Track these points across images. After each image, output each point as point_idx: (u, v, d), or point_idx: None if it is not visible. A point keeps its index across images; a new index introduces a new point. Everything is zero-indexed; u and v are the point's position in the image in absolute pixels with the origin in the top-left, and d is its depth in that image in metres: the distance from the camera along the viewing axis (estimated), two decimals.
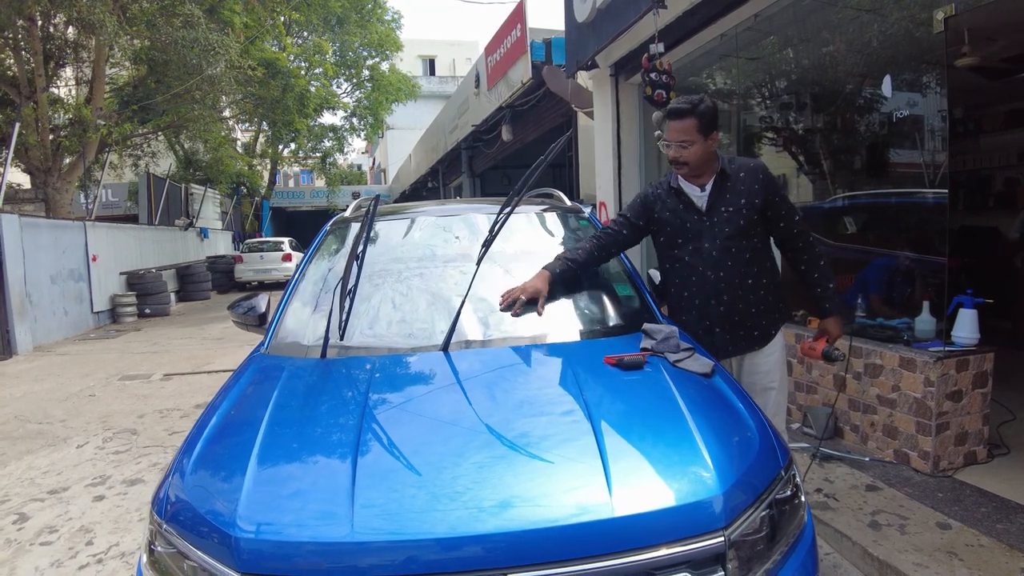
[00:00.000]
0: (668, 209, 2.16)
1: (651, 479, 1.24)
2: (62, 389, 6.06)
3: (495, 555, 1.12)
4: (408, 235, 2.56)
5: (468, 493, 1.21)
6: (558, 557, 1.12)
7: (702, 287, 2.12)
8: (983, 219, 6.25)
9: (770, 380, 2.21)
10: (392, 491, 1.23)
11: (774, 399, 2.22)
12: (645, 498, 1.20)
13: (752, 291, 2.12)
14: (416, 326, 2.03)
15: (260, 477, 1.33)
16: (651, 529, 1.16)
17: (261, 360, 2.02)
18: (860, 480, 2.93)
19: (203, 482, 1.39)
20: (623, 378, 1.63)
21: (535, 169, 1.84)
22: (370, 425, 1.45)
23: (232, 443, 1.51)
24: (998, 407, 3.47)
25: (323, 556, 1.15)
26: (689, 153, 2.02)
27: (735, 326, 2.14)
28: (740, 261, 2.08)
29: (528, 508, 1.17)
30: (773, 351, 2.20)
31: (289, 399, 1.67)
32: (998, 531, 2.40)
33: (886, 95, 3.35)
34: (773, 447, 1.42)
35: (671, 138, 2.06)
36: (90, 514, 3.27)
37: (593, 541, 1.13)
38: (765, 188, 2.08)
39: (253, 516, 1.22)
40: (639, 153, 5.94)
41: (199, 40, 10.36)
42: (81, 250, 10.09)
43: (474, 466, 1.28)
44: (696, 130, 2.01)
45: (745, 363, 2.23)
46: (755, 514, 1.28)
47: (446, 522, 1.15)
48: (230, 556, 1.17)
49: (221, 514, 1.24)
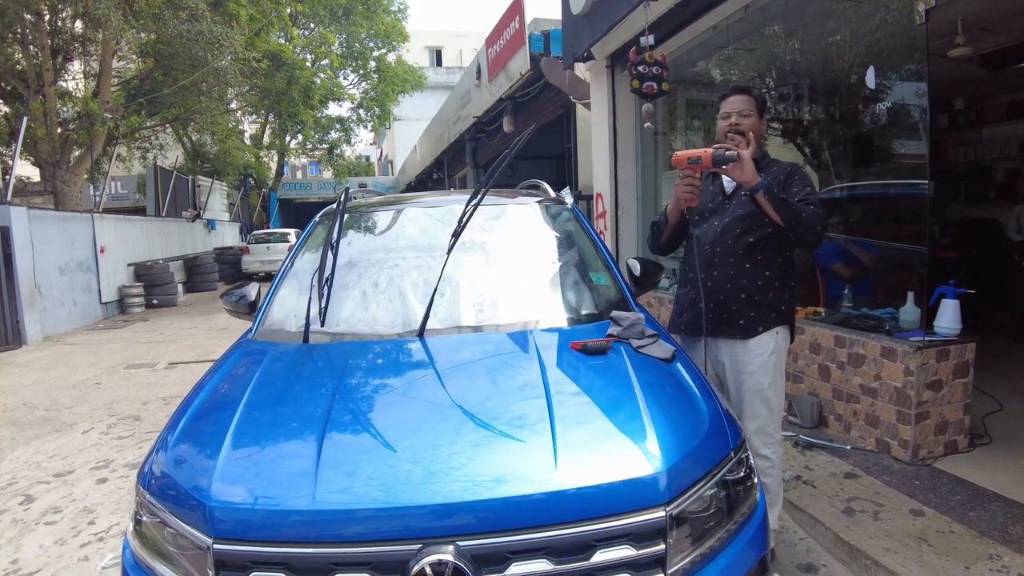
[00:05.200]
0: (702, 190, 2.21)
1: (597, 456, 1.30)
2: (70, 377, 6.21)
3: (444, 524, 1.19)
4: (391, 226, 2.62)
5: (421, 466, 1.28)
6: (504, 527, 1.19)
7: (700, 261, 2.16)
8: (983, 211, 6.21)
9: (756, 381, 2.14)
10: (352, 465, 1.31)
11: (760, 402, 2.14)
12: (589, 473, 1.25)
13: (747, 276, 2.12)
14: (395, 313, 2.10)
15: (234, 452, 1.41)
16: (593, 502, 1.22)
17: (247, 345, 2.11)
18: (840, 468, 2.97)
19: (183, 457, 1.48)
20: (586, 362, 1.68)
21: (501, 161, 1.89)
22: (340, 405, 1.52)
23: (211, 420, 1.60)
24: (986, 397, 3.50)
25: (287, 523, 1.24)
26: (748, 123, 2.11)
27: (719, 306, 2.15)
28: (742, 243, 2.11)
29: (477, 480, 1.24)
30: (761, 351, 2.13)
31: (268, 381, 1.75)
32: (970, 519, 2.44)
33: (871, 85, 3.35)
34: (723, 428, 1.47)
35: (732, 108, 2.14)
36: (93, 496, 3.39)
37: (537, 512, 1.20)
38: (788, 178, 2.12)
39: (225, 487, 1.31)
40: (635, 144, 5.95)
41: (204, 33, 10.44)
42: (89, 242, 10.26)
43: (430, 441, 1.35)
44: (754, 106, 2.14)
45: (733, 356, 2.19)
46: (701, 492, 1.34)
47: (399, 493, 1.22)
48: (204, 523, 1.26)
49: (197, 485, 1.33)
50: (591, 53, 5.75)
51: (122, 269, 11.47)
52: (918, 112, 3.23)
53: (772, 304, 2.14)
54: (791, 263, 2.20)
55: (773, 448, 2.20)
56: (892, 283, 3.40)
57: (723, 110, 2.18)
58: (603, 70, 5.87)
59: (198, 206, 17.34)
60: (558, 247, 2.50)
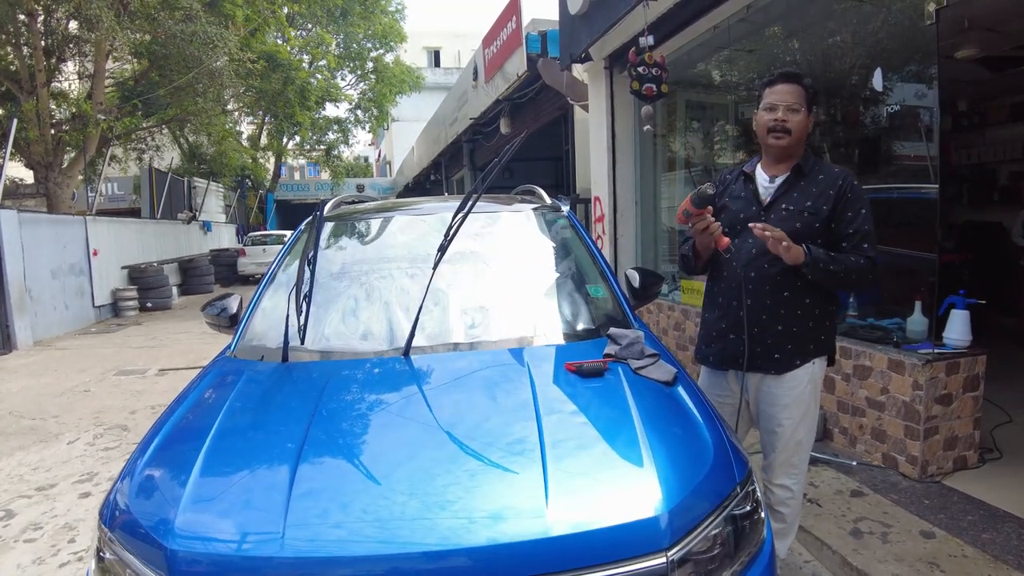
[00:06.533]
0: (732, 195, 1.97)
1: (592, 497, 1.20)
2: (58, 384, 6.09)
3: (421, 572, 1.09)
4: (380, 235, 2.51)
5: (398, 510, 1.17)
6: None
7: (730, 284, 1.92)
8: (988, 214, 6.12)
9: (789, 415, 1.91)
10: (324, 507, 1.21)
11: (790, 436, 1.93)
12: (583, 517, 1.15)
13: (785, 306, 1.85)
14: (381, 330, 1.99)
15: (199, 489, 1.32)
16: (587, 549, 1.11)
17: (224, 364, 2.00)
18: (846, 485, 2.87)
19: (146, 492, 1.39)
20: (581, 386, 1.58)
21: (491, 170, 1.79)
22: (315, 437, 1.42)
23: (179, 451, 1.51)
24: (994, 409, 3.40)
25: (253, 571, 1.14)
26: (796, 120, 1.82)
27: (753, 339, 1.87)
28: (780, 267, 1.82)
29: (458, 525, 1.14)
30: (796, 383, 1.89)
31: (242, 405, 1.65)
32: (983, 541, 2.34)
33: (877, 88, 3.25)
34: (729, 461, 1.37)
35: (779, 99, 1.83)
36: (75, 511, 3.28)
37: (525, 560, 1.09)
38: (839, 198, 1.82)
39: (188, 529, 1.22)
40: (634, 147, 5.85)
41: (198, 33, 10.33)
42: (82, 245, 10.14)
43: (408, 481, 1.25)
44: (804, 99, 1.84)
45: (763, 387, 1.96)
46: (705, 532, 1.23)
47: (372, 542, 1.12)
48: (165, 568, 1.17)
49: (158, 525, 1.24)
50: (589, 54, 5.65)
51: (116, 272, 11.35)
52: (927, 114, 3.13)
53: (812, 335, 1.89)
54: None
55: (796, 479, 2.00)
56: (899, 292, 3.29)
57: (767, 100, 1.87)
58: (601, 71, 5.77)
59: (194, 208, 17.22)
60: (553, 257, 2.39)
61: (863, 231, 1.81)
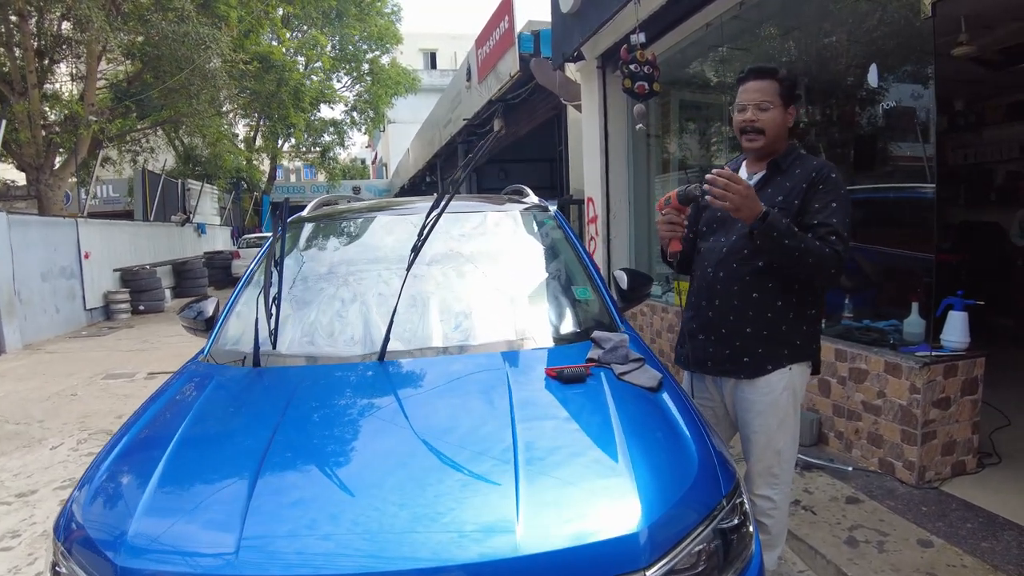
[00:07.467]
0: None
1: (566, 512, 1.12)
2: (45, 388, 6.00)
3: None
4: (361, 235, 2.44)
5: (359, 527, 1.10)
6: None
7: (702, 284, 1.87)
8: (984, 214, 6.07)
9: (763, 422, 1.83)
10: (282, 524, 1.13)
11: (766, 445, 1.85)
12: (555, 533, 1.08)
13: (754, 307, 1.78)
14: (356, 333, 1.92)
15: (154, 503, 1.26)
16: (559, 569, 1.04)
17: (194, 369, 1.93)
18: (841, 491, 2.79)
19: (100, 504, 1.34)
20: (561, 393, 1.50)
21: (465, 167, 1.72)
22: (278, 447, 1.34)
23: (138, 460, 1.44)
24: (992, 412, 3.33)
25: None
26: (767, 118, 1.74)
27: (721, 340, 1.82)
28: (749, 268, 1.76)
29: (419, 542, 1.07)
30: (770, 389, 1.81)
31: (209, 412, 1.58)
32: (982, 550, 2.26)
33: (872, 85, 3.19)
34: (715, 472, 1.29)
35: (748, 99, 1.76)
36: (55, 518, 3.19)
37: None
38: (810, 188, 1.73)
39: (139, 545, 1.16)
40: (627, 147, 5.79)
41: (190, 34, 10.25)
42: (73, 247, 10.04)
43: (372, 495, 1.17)
44: (778, 94, 1.75)
45: (737, 392, 1.88)
46: (689, 548, 1.16)
47: (330, 561, 1.05)
48: None
49: (109, 540, 1.19)
50: (581, 53, 5.59)
51: (108, 275, 11.25)
52: (923, 113, 3.06)
53: (785, 339, 1.80)
54: (811, 289, 1.81)
55: (778, 489, 1.89)
56: (895, 292, 3.23)
57: (738, 100, 1.81)
58: (594, 71, 5.71)
59: (188, 210, 17.11)
60: (538, 258, 2.32)
61: (830, 224, 1.68)
